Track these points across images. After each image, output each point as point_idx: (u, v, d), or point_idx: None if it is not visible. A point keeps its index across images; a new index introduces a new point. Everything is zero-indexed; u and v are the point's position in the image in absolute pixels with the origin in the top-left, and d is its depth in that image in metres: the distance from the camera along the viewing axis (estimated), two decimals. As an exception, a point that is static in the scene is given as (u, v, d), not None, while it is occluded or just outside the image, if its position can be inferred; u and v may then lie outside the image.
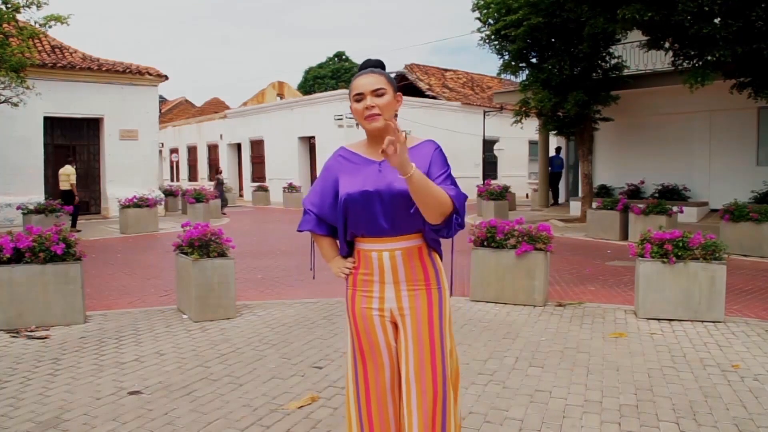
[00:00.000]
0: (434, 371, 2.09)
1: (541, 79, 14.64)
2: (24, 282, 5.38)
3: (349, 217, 2.15)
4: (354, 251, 2.24)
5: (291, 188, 22.88)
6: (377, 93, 2.11)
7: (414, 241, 2.14)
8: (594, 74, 14.86)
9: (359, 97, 2.13)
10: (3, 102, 13.37)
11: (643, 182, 16.79)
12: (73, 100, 17.08)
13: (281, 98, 32.28)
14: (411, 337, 2.12)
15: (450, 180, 2.09)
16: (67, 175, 14.30)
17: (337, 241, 2.30)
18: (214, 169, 29.08)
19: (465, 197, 2.09)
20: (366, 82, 2.13)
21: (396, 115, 2.18)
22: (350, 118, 22.63)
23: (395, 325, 2.18)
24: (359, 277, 2.20)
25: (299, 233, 2.45)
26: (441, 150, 2.17)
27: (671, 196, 15.50)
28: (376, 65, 2.21)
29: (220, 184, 20.17)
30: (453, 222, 2.05)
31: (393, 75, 2.25)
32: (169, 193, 20.69)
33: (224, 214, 18.85)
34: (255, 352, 4.70)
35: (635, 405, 3.59)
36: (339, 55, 48.75)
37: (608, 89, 14.94)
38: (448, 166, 2.14)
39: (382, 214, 2.10)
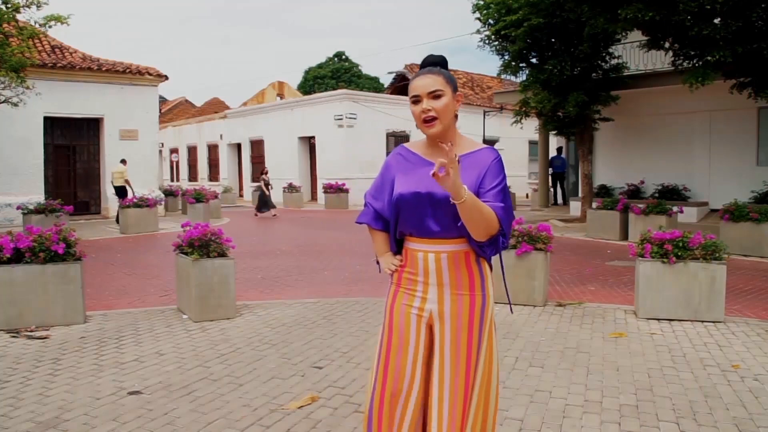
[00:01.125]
0: (467, 379, 2.07)
1: (541, 80, 14.64)
2: (24, 282, 5.38)
3: (400, 216, 2.14)
4: (403, 249, 2.23)
5: (291, 188, 22.87)
6: (434, 95, 2.06)
7: (462, 246, 2.11)
8: (594, 74, 14.86)
9: (416, 99, 2.08)
10: (3, 102, 13.37)
11: (643, 182, 16.79)
12: (73, 100, 17.08)
13: (281, 98, 32.29)
14: (449, 342, 2.09)
15: (502, 195, 2.05)
16: (121, 173, 15.58)
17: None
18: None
19: (513, 218, 2.09)
20: (423, 83, 2.07)
21: (456, 116, 2.14)
22: (350, 117, 22.65)
23: (430, 329, 2.14)
24: (405, 275, 2.18)
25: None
26: (500, 160, 2.12)
27: (671, 196, 15.50)
28: (436, 63, 2.14)
29: (266, 185, 18.98)
30: (499, 243, 2.05)
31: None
32: (169, 193, 20.69)
33: (275, 215, 18.28)
34: (255, 352, 4.70)
35: (635, 405, 3.59)
36: (339, 55, 48.73)
37: (608, 89, 14.94)
38: (503, 178, 2.09)
39: (431, 217, 2.08)
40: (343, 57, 48.56)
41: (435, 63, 2.15)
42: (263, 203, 18.44)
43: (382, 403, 2.14)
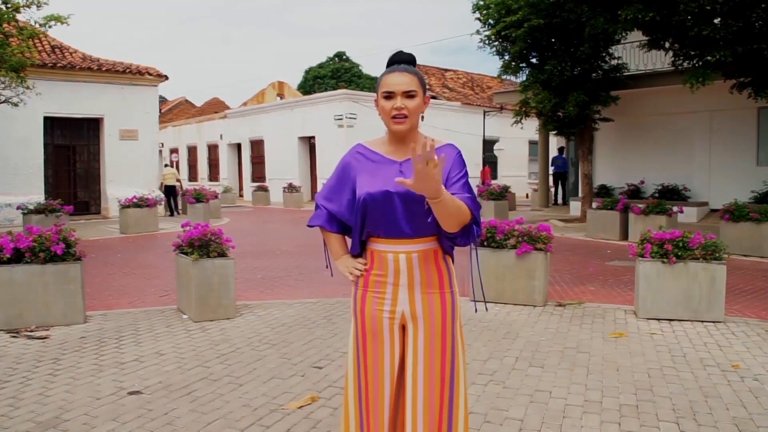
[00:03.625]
0: (443, 377, 2.08)
1: (541, 80, 14.64)
2: (24, 282, 5.38)
3: (368, 217, 2.09)
4: (366, 251, 2.18)
5: (291, 188, 22.87)
6: (408, 95, 2.05)
7: (431, 244, 2.11)
8: (594, 75, 14.86)
9: (389, 95, 2.05)
10: (3, 102, 13.36)
11: (643, 182, 16.79)
12: (73, 100, 17.08)
13: (281, 98, 32.27)
14: (423, 341, 2.09)
15: (467, 187, 2.06)
16: (173, 173, 19.10)
17: (347, 239, 2.25)
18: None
19: (480, 206, 2.08)
20: (399, 81, 2.05)
21: (422, 117, 2.14)
22: (350, 117, 22.65)
23: (403, 329, 2.15)
24: (372, 278, 2.14)
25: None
26: (461, 154, 2.15)
27: (671, 196, 15.50)
28: (409, 61, 2.12)
29: None
30: (472, 232, 2.02)
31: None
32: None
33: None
34: (255, 352, 4.70)
35: (635, 405, 3.59)
36: (339, 55, 48.70)
37: (608, 89, 14.94)
38: (466, 170, 2.11)
39: (402, 217, 2.05)
40: (343, 57, 48.54)
41: (407, 61, 2.12)
42: None
43: (367, 409, 2.14)
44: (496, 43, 15.37)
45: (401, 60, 2.12)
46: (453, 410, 2.09)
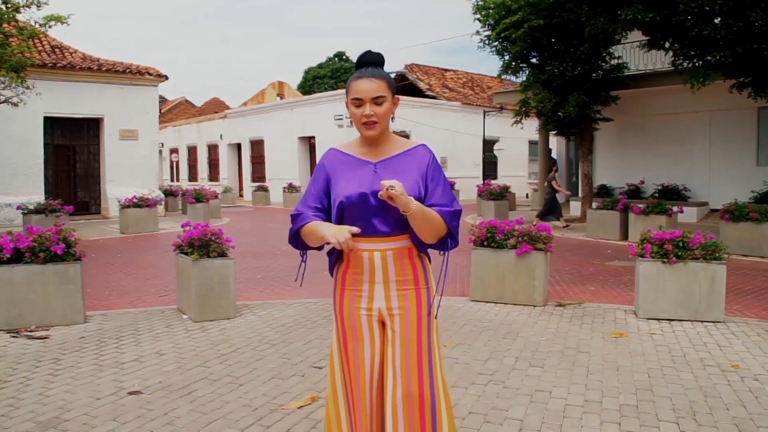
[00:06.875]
0: (420, 372, 2.10)
1: (541, 80, 14.64)
2: (24, 282, 5.38)
3: (345, 218, 2.13)
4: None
5: (291, 188, 22.88)
6: (377, 101, 2.08)
7: (405, 242, 2.14)
8: (594, 75, 14.87)
9: (358, 102, 2.10)
10: (3, 102, 13.37)
11: (643, 182, 16.80)
12: (73, 100, 17.08)
13: (281, 98, 32.28)
14: (399, 336, 2.13)
15: (447, 195, 2.12)
16: None
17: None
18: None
19: (460, 212, 2.12)
20: (367, 87, 2.08)
21: (393, 118, 2.17)
22: (350, 118, 22.66)
23: (383, 324, 2.18)
24: (349, 276, 2.19)
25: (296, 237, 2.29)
26: (435, 158, 2.19)
27: (671, 196, 15.52)
28: (377, 62, 2.14)
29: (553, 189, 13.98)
30: (447, 244, 2.13)
31: (393, 75, 2.23)
32: (169, 193, 20.69)
33: (566, 225, 14.20)
34: (255, 352, 4.70)
35: (635, 405, 3.59)
36: (339, 55, 48.73)
37: (608, 89, 14.95)
38: (443, 177, 2.17)
39: (378, 216, 2.10)
40: (343, 57, 48.55)
41: (375, 62, 2.14)
42: (552, 209, 13.86)
43: (354, 406, 2.16)
44: (496, 43, 15.37)
45: (369, 62, 2.14)
46: (436, 404, 2.11)
